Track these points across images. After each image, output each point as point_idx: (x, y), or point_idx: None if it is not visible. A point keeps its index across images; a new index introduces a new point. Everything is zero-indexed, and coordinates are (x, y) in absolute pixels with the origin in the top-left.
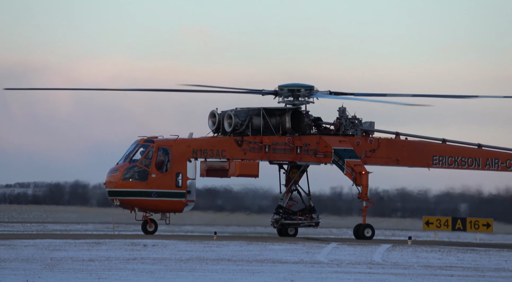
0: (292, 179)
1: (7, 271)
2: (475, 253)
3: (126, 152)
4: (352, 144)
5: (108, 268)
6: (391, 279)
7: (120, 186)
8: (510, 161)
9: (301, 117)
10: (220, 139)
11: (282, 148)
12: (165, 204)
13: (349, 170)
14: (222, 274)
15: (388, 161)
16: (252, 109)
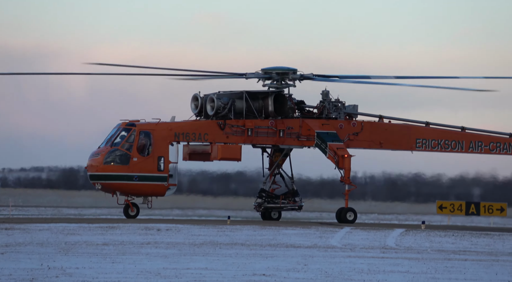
0: (275, 163)
1: (22, 255)
2: (489, 237)
3: (108, 135)
4: (335, 127)
5: (122, 252)
6: (404, 264)
7: (102, 170)
8: (493, 144)
9: (284, 101)
10: (202, 123)
11: (265, 131)
12: (147, 188)
13: (332, 154)
14: (235, 258)
15: (371, 144)
16: (234, 93)
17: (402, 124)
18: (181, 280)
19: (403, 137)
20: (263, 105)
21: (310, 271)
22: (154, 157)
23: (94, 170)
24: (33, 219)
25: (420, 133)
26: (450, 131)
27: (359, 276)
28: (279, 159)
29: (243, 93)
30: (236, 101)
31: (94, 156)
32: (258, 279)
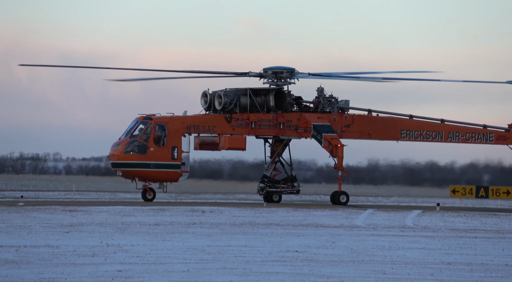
0: (276, 152)
1: (84, 234)
2: (496, 217)
3: (127, 128)
4: (329, 120)
5: (171, 231)
6: (421, 241)
7: (122, 159)
8: (469, 134)
9: (284, 96)
10: (211, 116)
11: (267, 124)
12: (162, 175)
13: (326, 144)
14: (271, 236)
15: (361, 135)
16: (239, 90)
17: (388, 117)
18: (223, 256)
19: (390, 129)
20: (265, 101)
21: (338, 248)
22: (169, 147)
23: (115, 159)
24: (93, 202)
25: (404, 125)
26: (431, 123)
27: (381, 252)
28: (279, 148)
29: (247, 90)
30: (241, 97)
31: (115, 146)
32: (291, 255)
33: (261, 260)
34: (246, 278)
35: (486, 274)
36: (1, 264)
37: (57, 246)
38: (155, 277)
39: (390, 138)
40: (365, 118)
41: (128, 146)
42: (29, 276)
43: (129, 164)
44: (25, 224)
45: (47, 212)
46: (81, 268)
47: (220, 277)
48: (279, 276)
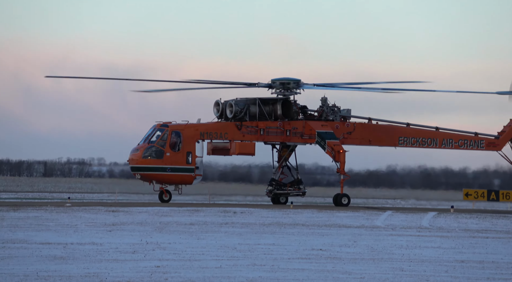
0: (283, 157)
1: (125, 232)
2: (506, 219)
3: (145, 135)
4: (332, 127)
5: (205, 230)
6: (436, 240)
7: (141, 163)
8: (461, 141)
9: (290, 106)
10: (223, 124)
11: (274, 131)
12: (177, 178)
13: (330, 149)
14: (297, 236)
15: (362, 141)
16: (249, 99)
17: (387, 124)
18: (253, 254)
19: (388, 136)
20: (273, 110)
21: (359, 246)
22: (184, 152)
23: (134, 163)
24: (134, 203)
25: (402, 132)
26: (426, 130)
27: (399, 250)
28: (286, 153)
29: (256, 100)
30: (250, 106)
31: (134, 151)
32: (316, 253)
33: (288, 257)
34: (274, 274)
35: (497, 272)
36: (50, 260)
37: (101, 244)
38: (190, 273)
39: (389, 145)
40: (365, 125)
41: (146, 151)
42: (76, 271)
43: (147, 168)
44: (71, 223)
45: (92, 212)
46: (123, 264)
47: (250, 273)
48: (304, 272)
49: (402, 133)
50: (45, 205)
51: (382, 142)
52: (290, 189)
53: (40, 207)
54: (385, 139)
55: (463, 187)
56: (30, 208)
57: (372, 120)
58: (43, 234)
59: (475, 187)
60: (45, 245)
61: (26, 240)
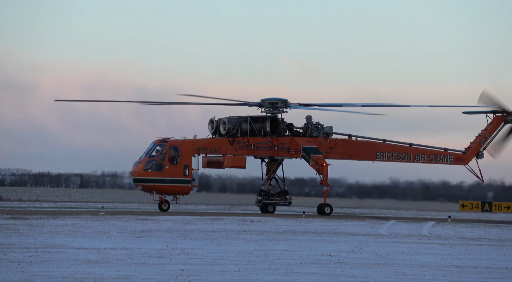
0: (271, 170)
1: (153, 239)
2: (498, 228)
3: (146, 149)
4: (316, 143)
5: (225, 237)
6: (435, 247)
7: (142, 175)
8: (432, 156)
9: (278, 123)
10: (217, 140)
11: (264, 146)
12: (175, 189)
13: (314, 163)
14: (309, 242)
15: (343, 156)
16: (241, 117)
17: (365, 140)
18: (269, 259)
19: (366, 151)
20: (262, 127)
21: (365, 252)
22: (181, 166)
23: (136, 175)
24: (160, 212)
25: (379, 147)
26: (401, 146)
27: (401, 256)
28: (274, 167)
29: (248, 118)
30: (242, 123)
31: (136, 164)
32: (325, 258)
33: (300, 262)
34: (288, 278)
35: (490, 276)
36: (85, 263)
37: (131, 249)
38: (211, 276)
39: (367, 159)
40: (346, 141)
41: (147, 164)
42: (108, 274)
43: (147, 180)
44: (105, 230)
45: (123, 220)
46: (151, 267)
47: (266, 276)
48: (315, 276)
49: (379, 149)
50: (81, 213)
51: (361, 156)
52: (278, 199)
53: (76, 215)
54: (364, 154)
55: (459, 199)
56: (68, 216)
57: (352, 137)
58: (79, 240)
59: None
60: (81, 250)
61: (64, 245)
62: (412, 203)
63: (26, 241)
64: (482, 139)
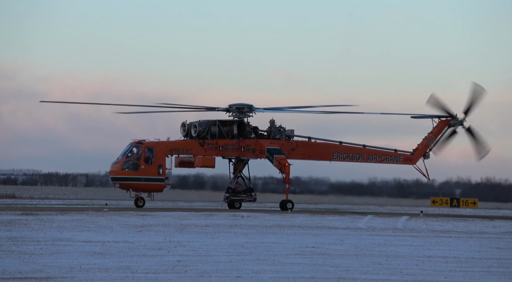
0: (238, 169)
1: (152, 232)
2: (465, 221)
3: (124, 150)
4: (279, 145)
5: (218, 231)
6: (408, 239)
7: (120, 174)
8: (384, 156)
9: (244, 126)
10: (188, 142)
11: (231, 147)
12: (150, 187)
13: (277, 163)
14: (294, 235)
15: (303, 156)
16: (210, 121)
17: (323, 142)
18: (257, 250)
19: (324, 152)
20: (230, 130)
21: (345, 244)
22: (155, 165)
23: (114, 174)
24: (159, 209)
25: (335, 149)
26: (355, 147)
27: (378, 248)
28: (241, 166)
29: (216, 122)
30: (211, 126)
31: (114, 164)
32: (309, 250)
33: (286, 253)
34: (275, 267)
35: (458, 265)
36: (91, 255)
37: (132, 242)
38: (205, 266)
39: (325, 159)
40: (306, 143)
41: (124, 164)
42: (111, 264)
43: (124, 178)
44: (108, 225)
45: (125, 216)
46: (150, 258)
47: (255, 266)
48: (300, 266)
49: (335, 150)
50: (86, 210)
51: (320, 157)
52: (244, 196)
53: (82, 211)
54: (322, 154)
55: (430, 196)
56: (75, 212)
57: (311, 139)
58: (85, 234)
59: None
60: (86, 243)
61: (71, 239)
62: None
63: (37, 235)
64: (428, 141)
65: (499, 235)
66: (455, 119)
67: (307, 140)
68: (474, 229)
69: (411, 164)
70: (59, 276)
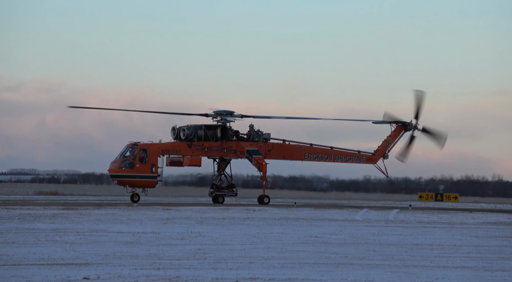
0: (221, 168)
1: (176, 224)
2: (448, 214)
3: (121, 151)
4: (257, 146)
5: (233, 223)
6: (399, 229)
7: (117, 172)
8: (349, 156)
9: (227, 130)
10: (178, 144)
11: (215, 148)
12: (144, 183)
13: (255, 162)
14: (299, 227)
15: (278, 156)
16: (197, 125)
17: (296, 144)
18: (267, 240)
19: (296, 153)
20: (214, 133)
21: (343, 234)
22: (149, 164)
23: (113, 172)
24: (182, 203)
25: (306, 150)
26: (323, 148)
27: (373, 237)
28: (224, 165)
29: (202, 126)
30: (198, 130)
31: (113, 163)
32: (313, 239)
33: (293, 242)
34: (283, 254)
35: (442, 251)
36: (123, 244)
37: (159, 233)
38: (222, 253)
39: (297, 159)
40: (280, 145)
41: (121, 163)
42: (141, 252)
43: (122, 176)
44: (138, 218)
45: (152, 210)
46: (174, 247)
47: (265, 253)
48: (304, 253)
49: (306, 151)
50: (119, 205)
51: (293, 157)
52: (226, 191)
53: (115, 206)
54: (295, 155)
55: (417, 191)
56: (109, 207)
57: (285, 141)
58: (118, 226)
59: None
60: (119, 234)
61: (106, 230)
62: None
63: (76, 227)
64: (387, 143)
65: (477, 225)
66: (410, 124)
67: (281, 143)
68: (456, 220)
69: (372, 163)
70: (96, 262)
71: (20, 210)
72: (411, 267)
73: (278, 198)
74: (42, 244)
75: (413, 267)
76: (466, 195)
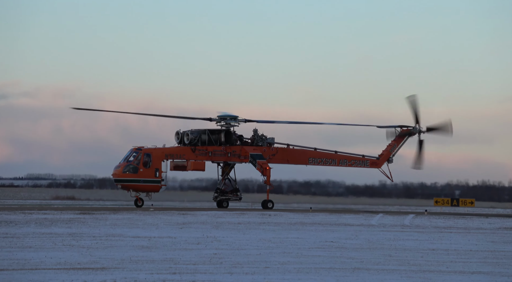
0: (225, 172)
1: (191, 229)
2: (464, 219)
3: (125, 156)
4: (261, 151)
5: (249, 227)
6: (415, 234)
7: (121, 176)
8: (353, 161)
9: (230, 135)
10: (181, 148)
11: (219, 153)
12: (148, 187)
13: (259, 167)
14: (315, 231)
15: (282, 161)
16: (201, 130)
17: (300, 149)
18: (283, 244)
19: (301, 157)
20: (218, 137)
21: (359, 239)
22: (153, 169)
23: (116, 176)
24: (197, 208)
25: (311, 154)
26: (328, 153)
27: (388, 242)
28: (228, 170)
29: (206, 130)
30: (202, 135)
31: (117, 168)
32: (328, 244)
33: (308, 247)
34: (298, 259)
35: (458, 257)
36: (139, 248)
37: (175, 237)
38: (238, 258)
39: (302, 163)
40: (284, 150)
41: (125, 168)
42: (157, 257)
43: (126, 180)
44: (154, 222)
45: (168, 215)
46: (190, 252)
47: (281, 258)
48: (320, 258)
49: (310, 155)
50: (135, 209)
51: (297, 161)
52: (230, 196)
53: (132, 211)
54: (299, 159)
55: (433, 197)
56: (125, 212)
57: (289, 145)
58: (134, 230)
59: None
60: (135, 238)
61: (122, 234)
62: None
63: (93, 231)
64: (391, 147)
65: (493, 230)
66: (414, 128)
67: (285, 147)
68: (472, 225)
69: (377, 167)
70: (112, 267)
71: (37, 215)
72: (427, 272)
73: (293, 203)
74: (59, 249)
75: (429, 272)
76: (482, 200)
